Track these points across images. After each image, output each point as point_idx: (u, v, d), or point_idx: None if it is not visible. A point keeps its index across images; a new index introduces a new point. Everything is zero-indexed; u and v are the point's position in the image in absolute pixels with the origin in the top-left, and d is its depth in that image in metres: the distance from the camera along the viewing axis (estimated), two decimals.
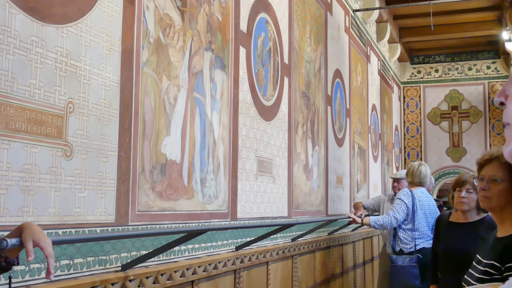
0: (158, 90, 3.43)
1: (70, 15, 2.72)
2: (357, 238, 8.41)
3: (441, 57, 14.19)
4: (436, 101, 14.20)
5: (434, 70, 14.24)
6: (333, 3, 7.78)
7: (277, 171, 5.38)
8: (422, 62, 14.34)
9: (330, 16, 7.57)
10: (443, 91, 14.16)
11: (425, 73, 14.28)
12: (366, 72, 9.94)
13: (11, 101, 2.36)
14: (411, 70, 14.34)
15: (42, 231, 1.61)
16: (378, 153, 10.83)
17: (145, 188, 3.26)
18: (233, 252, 4.32)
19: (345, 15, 8.55)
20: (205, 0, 4.06)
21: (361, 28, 9.62)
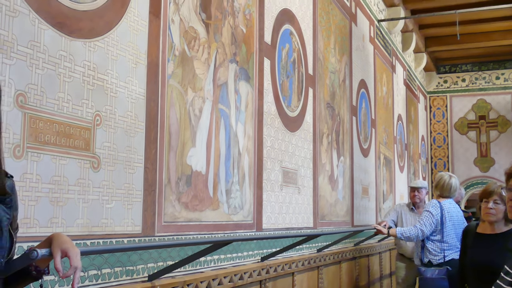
0: (183, 102, 3.47)
1: (97, 30, 2.78)
2: (384, 249, 8.35)
3: (468, 66, 14.06)
4: (463, 110, 14.06)
5: (460, 79, 14.12)
6: (357, 14, 7.79)
7: (302, 181, 5.39)
8: (448, 72, 14.22)
9: (354, 26, 7.58)
10: (470, 101, 14.02)
11: (451, 83, 14.17)
12: (391, 82, 9.90)
13: (40, 115, 2.41)
14: (437, 80, 14.24)
15: (70, 241, 1.64)
16: (404, 163, 10.75)
17: (171, 199, 3.30)
18: (258, 263, 4.33)
19: (370, 25, 8.54)
20: (229, 13, 4.10)
21: (386, 38, 9.60)
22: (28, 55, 2.38)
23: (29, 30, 2.39)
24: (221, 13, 3.99)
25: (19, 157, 2.30)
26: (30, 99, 2.37)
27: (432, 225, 5.51)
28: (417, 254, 5.79)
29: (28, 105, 2.36)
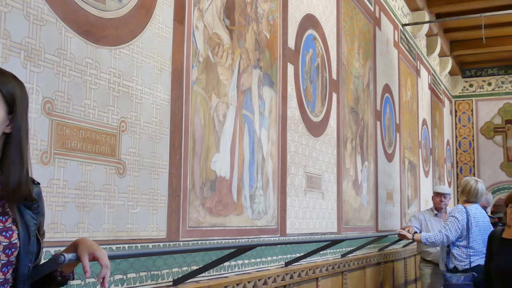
0: (207, 108, 3.50)
1: (122, 37, 2.81)
2: (408, 255, 8.28)
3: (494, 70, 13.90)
4: (489, 115, 13.89)
5: (486, 83, 13.96)
6: (381, 18, 7.76)
7: (326, 186, 5.38)
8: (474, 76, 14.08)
9: (378, 31, 7.55)
10: (497, 105, 13.85)
11: (477, 87, 14.02)
12: (416, 86, 9.84)
13: (67, 121, 2.45)
14: (463, 84, 14.10)
15: (96, 244, 1.67)
16: (429, 168, 10.67)
17: (196, 204, 3.32)
18: (282, 268, 4.33)
19: (394, 30, 8.50)
20: (253, 19, 4.13)
21: (410, 42, 9.55)
22: (55, 62, 2.42)
23: (56, 38, 2.44)
24: (244, 19, 4.01)
25: (47, 163, 2.34)
26: (57, 106, 2.41)
27: (458, 230, 5.45)
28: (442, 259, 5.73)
29: (55, 112, 2.40)
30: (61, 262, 1.64)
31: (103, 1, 2.70)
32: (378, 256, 6.83)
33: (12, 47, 2.22)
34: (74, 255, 1.65)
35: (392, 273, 7.43)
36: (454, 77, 14.02)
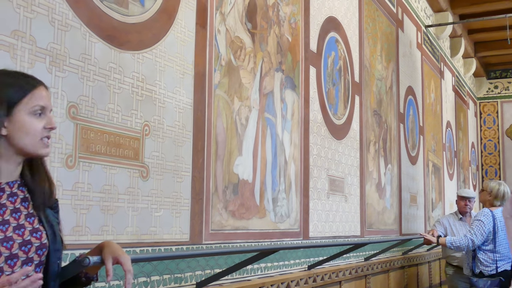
0: (230, 111, 3.51)
1: (145, 42, 2.84)
2: (433, 258, 8.21)
3: None
4: None
5: None
6: (404, 20, 7.72)
7: (349, 189, 5.36)
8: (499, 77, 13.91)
9: (401, 32, 7.51)
10: None
11: (502, 88, 13.85)
12: (439, 88, 9.76)
13: (91, 125, 2.48)
14: (488, 85, 13.95)
15: (121, 249, 1.69)
16: (454, 171, 10.56)
17: (218, 207, 3.33)
18: (305, 271, 4.33)
19: (417, 31, 8.45)
20: (275, 22, 4.13)
21: (434, 44, 9.47)
22: (80, 67, 2.45)
23: (81, 43, 2.47)
24: (266, 22, 4.02)
25: (71, 166, 2.37)
26: (81, 110, 2.44)
27: (484, 234, 5.37)
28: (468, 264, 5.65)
29: (79, 116, 2.43)
30: (86, 265, 1.67)
31: (126, 6, 2.73)
32: (402, 260, 6.78)
33: (38, 52, 2.25)
34: (99, 258, 1.67)
35: (417, 277, 7.37)
36: (479, 79, 13.87)
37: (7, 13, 2.13)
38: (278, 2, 4.19)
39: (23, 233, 1.52)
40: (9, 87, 1.50)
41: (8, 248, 1.48)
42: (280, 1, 4.22)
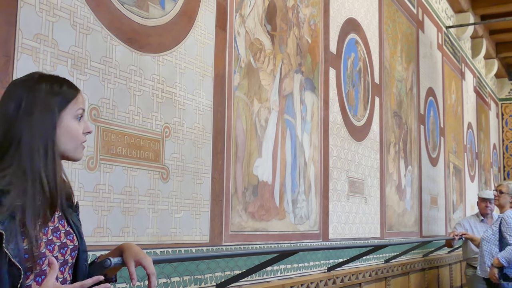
0: (249, 113, 3.52)
1: (165, 44, 2.86)
2: (454, 261, 8.14)
3: None
4: None
5: None
6: (424, 21, 7.67)
7: (369, 191, 5.34)
8: None
9: (421, 33, 7.46)
10: None
11: None
12: (460, 89, 9.68)
13: (112, 127, 2.50)
14: (510, 86, 13.79)
15: (142, 251, 1.69)
16: (475, 172, 10.47)
17: (238, 209, 3.34)
18: (325, 273, 4.32)
19: (438, 32, 8.39)
20: (294, 24, 4.13)
21: (454, 45, 9.40)
22: (101, 70, 2.47)
23: (102, 46, 2.49)
24: (286, 24, 4.02)
25: (93, 168, 2.39)
26: (102, 113, 2.46)
27: None
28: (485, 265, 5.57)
29: (100, 119, 2.45)
30: (107, 266, 1.68)
31: (146, 9, 2.75)
32: (423, 262, 6.73)
33: (60, 55, 2.28)
34: (119, 259, 1.68)
35: (437, 279, 7.31)
36: (501, 80, 13.73)
37: (30, 17, 2.16)
38: (297, 4, 4.19)
39: (60, 235, 1.54)
40: (57, 95, 1.52)
41: (50, 251, 1.50)
42: (299, 3, 4.22)
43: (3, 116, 1.47)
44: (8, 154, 1.45)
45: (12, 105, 1.47)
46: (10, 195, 1.40)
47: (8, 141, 1.45)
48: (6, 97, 1.50)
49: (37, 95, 1.49)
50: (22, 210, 1.40)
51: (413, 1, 7.17)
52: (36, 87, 1.50)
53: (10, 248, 1.36)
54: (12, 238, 1.37)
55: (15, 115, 1.46)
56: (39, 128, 1.47)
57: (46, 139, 1.48)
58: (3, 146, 1.45)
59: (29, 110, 1.47)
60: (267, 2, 3.80)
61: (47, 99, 1.50)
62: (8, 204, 1.39)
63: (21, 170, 1.44)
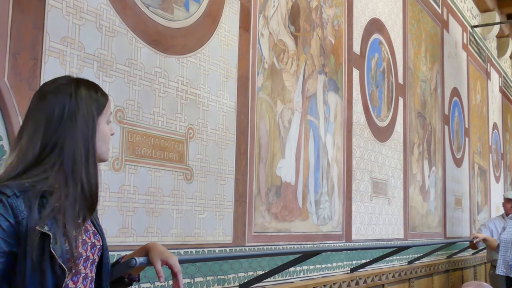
0: (273, 114, 3.53)
1: (190, 46, 2.88)
2: (478, 262, 8.07)
3: None
4: None
5: None
6: (449, 20, 7.61)
7: (392, 192, 5.31)
8: None
9: (446, 33, 7.40)
10: None
11: None
12: (486, 89, 9.57)
13: (137, 129, 2.53)
14: None
15: (167, 250, 1.71)
16: (500, 173, 10.35)
17: (261, 209, 3.35)
18: (348, 274, 4.31)
19: (463, 32, 8.31)
20: (318, 24, 4.13)
21: (480, 44, 9.30)
22: (126, 72, 2.50)
23: (127, 49, 2.52)
24: (309, 25, 4.02)
25: (118, 169, 2.42)
26: (128, 114, 2.49)
27: None
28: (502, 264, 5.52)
29: (126, 120, 2.48)
30: (132, 266, 1.70)
31: (171, 11, 2.77)
32: (447, 264, 6.68)
33: (86, 58, 2.31)
34: (145, 259, 1.70)
35: (461, 281, 7.24)
36: None
37: (57, 20, 2.19)
38: (321, 4, 4.18)
39: (89, 235, 1.57)
40: (95, 101, 1.56)
41: (85, 251, 1.54)
42: (323, 3, 4.21)
43: (47, 119, 1.49)
44: (51, 157, 1.48)
45: (55, 110, 1.50)
46: (53, 197, 1.44)
47: (51, 144, 1.48)
48: (48, 101, 1.51)
49: (79, 101, 1.53)
50: (63, 212, 1.44)
51: (437, 1, 7.11)
52: (78, 92, 1.53)
53: (55, 249, 1.39)
54: (56, 239, 1.40)
55: (58, 120, 1.49)
56: (81, 133, 1.51)
57: (87, 144, 1.52)
58: (46, 149, 1.48)
59: (73, 115, 1.51)
60: (290, 3, 3.80)
61: (88, 105, 1.54)
62: (51, 206, 1.42)
63: (63, 173, 1.47)
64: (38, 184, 1.43)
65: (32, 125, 1.50)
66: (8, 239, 1.39)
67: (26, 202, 1.41)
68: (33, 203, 1.41)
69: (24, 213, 1.40)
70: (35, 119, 1.50)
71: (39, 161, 1.47)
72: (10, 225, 1.39)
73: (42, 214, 1.41)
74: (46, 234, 1.39)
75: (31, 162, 1.46)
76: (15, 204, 1.40)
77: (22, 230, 1.39)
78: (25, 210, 1.40)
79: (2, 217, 1.38)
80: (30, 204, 1.41)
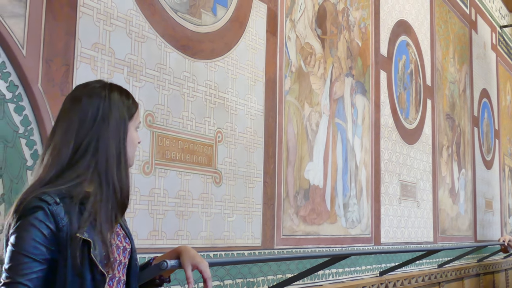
0: (300, 117, 3.53)
1: (217, 50, 2.90)
2: (510, 266, 7.95)
3: None
4: None
5: None
6: (478, 21, 7.53)
7: (421, 195, 5.27)
8: None
9: (474, 34, 7.33)
10: None
11: None
12: None
13: (167, 133, 2.56)
14: None
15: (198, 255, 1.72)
16: None
17: (290, 212, 3.36)
18: (377, 277, 4.29)
19: (492, 32, 8.22)
20: (344, 27, 4.13)
21: (509, 45, 9.18)
22: (155, 77, 2.53)
23: (156, 54, 2.55)
24: (336, 27, 4.02)
25: (148, 173, 2.45)
26: (157, 119, 2.52)
27: None
28: None
29: (155, 124, 2.51)
30: (163, 268, 1.72)
31: (199, 16, 2.80)
32: (477, 267, 6.60)
33: (116, 63, 2.34)
34: (176, 261, 1.72)
35: (493, 285, 7.15)
36: None
37: (88, 27, 2.23)
38: (347, 7, 4.18)
39: (121, 239, 1.60)
40: (127, 106, 1.59)
41: (119, 255, 1.56)
42: (349, 6, 4.21)
43: (81, 120, 1.51)
44: (85, 159, 1.50)
45: (89, 111, 1.52)
46: (89, 201, 1.46)
47: (84, 144, 1.50)
48: (83, 103, 1.53)
49: (112, 104, 1.55)
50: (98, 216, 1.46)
51: (465, 1, 7.05)
52: (111, 96, 1.55)
53: (95, 255, 1.42)
54: (96, 245, 1.43)
55: (92, 121, 1.52)
56: (114, 136, 1.53)
57: (119, 147, 1.54)
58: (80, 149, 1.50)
59: (106, 118, 1.53)
60: (317, 6, 3.81)
61: (121, 109, 1.56)
62: (88, 211, 1.45)
63: (97, 176, 1.49)
64: (74, 190, 1.46)
65: (65, 124, 1.52)
66: (50, 246, 1.41)
67: (66, 209, 1.43)
68: (73, 209, 1.44)
69: (64, 220, 1.42)
70: (69, 119, 1.52)
71: (74, 163, 1.49)
72: (51, 232, 1.41)
73: (81, 220, 1.43)
74: (87, 241, 1.41)
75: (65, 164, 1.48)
76: (56, 211, 1.42)
77: (63, 237, 1.41)
78: (65, 217, 1.42)
79: (44, 225, 1.41)
80: (70, 211, 1.43)
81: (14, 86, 1.96)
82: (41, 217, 1.40)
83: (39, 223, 1.40)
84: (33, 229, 1.40)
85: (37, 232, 1.40)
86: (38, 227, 1.40)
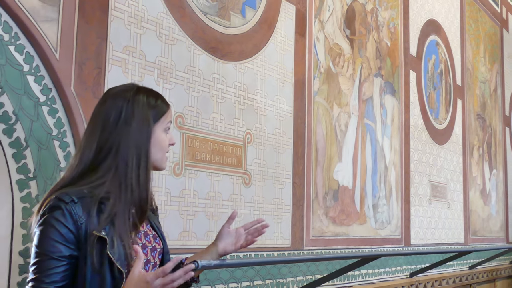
0: (329, 118, 3.53)
1: (246, 52, 2.92)
2: None
3: None
4: None
5: None
6: (509, 19, 7.42)
7: (451, 196, 5.22)
8: None
9: (506, 32, 7.23)
10: None
11: None
12: None
13: (196, 134, 2.58)
14: None
15: None
16: None
17: (319, 213, 3.36)
18: (407, 279, 4.26)
19: None
20: (373, 27, 4.11)
21: None
22: (185, 79, 2.56)
23: (186, 56, 2.57)
24: (365, 28, 4.01)
25: (179, 174, 2.47)
26: (187, 120, 2.54)
27: None
28: None
29: (185, 126, 2.53)
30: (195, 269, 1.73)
31: (228, 18, 2.82)
32: (510, 269, 6.50)
33: (147, 66, 2.37)
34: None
35: None
36: None
37: (119, 30, 2.26)
38: (376, 7, 4.16)
39: (150, 239, 1.61)
40: (153, 108, 1.59)
41: (145, 254, 1.57)
42: (378, 6, 4.19)
43: (104, 123, 1.53)
44: (106, 161, 1.51)
45: (112, 114, 1.54)
46: (110, 202, 1.48)
47: (106, 147, 1.52)
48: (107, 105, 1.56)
49: (136, 107, 1.55)
50: (117, 218, 1.48)
51: (496, 0, 6.96)
52: (135, 98, 1.56)
53: (112, 253, 1.44)
54: (114, 243, 1.45)
55: (114, 124, 1.53)
56: (135, 139, 1.54)
57: (140, 150, 1.54)
58: (102, 152, 1.52)
59: (128, 120, 1.54)
60: (345, 7, 3.80)
61: (144, 111, 1.56)
62: (108, 211, 1.47)
63: (118, 178, 1.51)
64: (95, 190, 1.48)
65: (90, 127, 1.55)
66: (67, 244, 1.43)
67: (85, 208, 1.45)
68: (92, 208, 1.45)
69: (82, 218, 1.44)
70: (94, 122, 1.55)
71: (96, 165, 1.51)
72: (69, 231, 1.43)
73: (100, 219, 1.45)
74: (103, 238, 1.43)
75: (88, 165, 1.51)
76: (74, 210, 1.44)
77: (82, 235, 1.43)
78: (84, 215, 1.44)
79: (61, 224, 1.43)
80: (89, 210, 1.45)
81: (47, 89, 2.00)
82: (58, 216, 1.43)
83: (56, 222, 1.43)
84: (51, 228, 1.42)
85: (55, 231, 1.42)
86: (55, 226, 1.42)
